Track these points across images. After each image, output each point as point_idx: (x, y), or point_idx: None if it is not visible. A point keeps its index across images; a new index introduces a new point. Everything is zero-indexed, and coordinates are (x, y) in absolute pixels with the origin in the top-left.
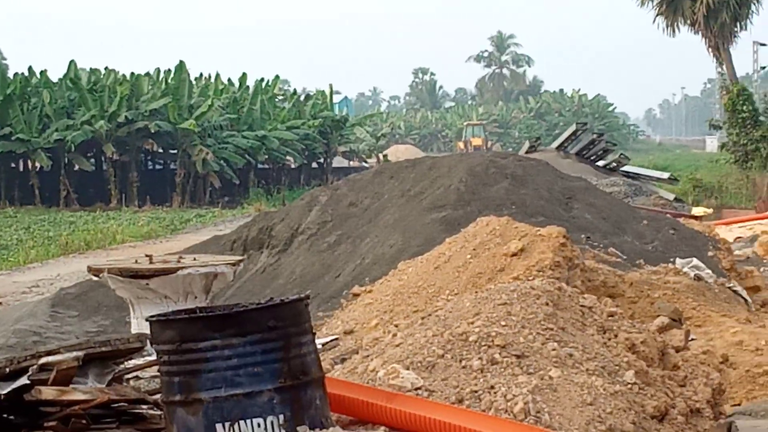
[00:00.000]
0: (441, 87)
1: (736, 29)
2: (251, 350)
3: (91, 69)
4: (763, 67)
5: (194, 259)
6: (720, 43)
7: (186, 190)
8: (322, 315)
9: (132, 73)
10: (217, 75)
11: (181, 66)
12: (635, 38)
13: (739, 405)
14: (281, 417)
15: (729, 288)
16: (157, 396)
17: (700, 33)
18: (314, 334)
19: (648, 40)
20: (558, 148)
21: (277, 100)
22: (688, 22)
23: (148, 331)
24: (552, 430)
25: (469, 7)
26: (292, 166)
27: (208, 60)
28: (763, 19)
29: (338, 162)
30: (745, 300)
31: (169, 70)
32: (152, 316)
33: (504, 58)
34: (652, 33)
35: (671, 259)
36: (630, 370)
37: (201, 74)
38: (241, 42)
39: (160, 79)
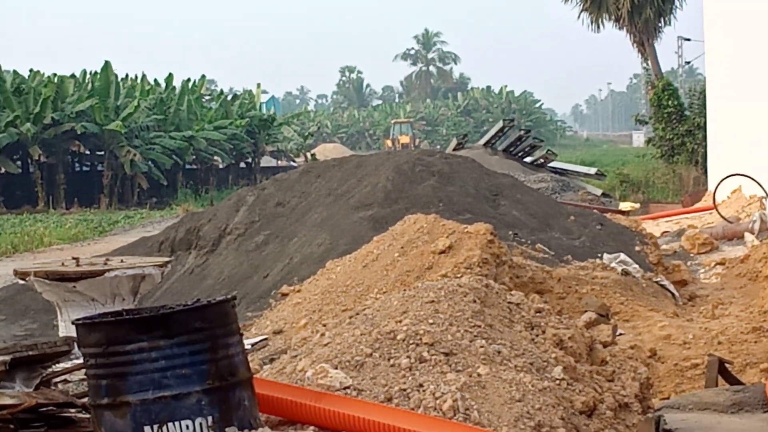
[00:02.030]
0: (368, 85)
1: (660, 24)
2: (178, 352)
3: (14, 71)
4: (688, 62)
5: (121, 261)
6: (644, 38)
7: (114, 191)
8: (251, 315)
9: (55, 74)
10: (144, 75)
11: (106, 67)
12: (561, 35)
13: (667, 398)
14: (210, 418)
15: (656, 282)
16: (85, 399)
17: (624, 29)
18: (242, 334)
19: (573, 37)
20: (485, 144)
21: (204, 100)
22: (613, 17)
23: (75, 335)
24: (481, 427)
25: (396, 6)
26: (220, 166)
27: (134, 61)
28: (687, 14)
29: (266, 161)
30: (673, 294)
31: (95, 71)
32: (78, 320)
33: (431, 55)
34: (578, 29)
35: (598, 255)
36: (558, 366)
37: (127, 75)
38: (167, 42)
39: (86, 80)
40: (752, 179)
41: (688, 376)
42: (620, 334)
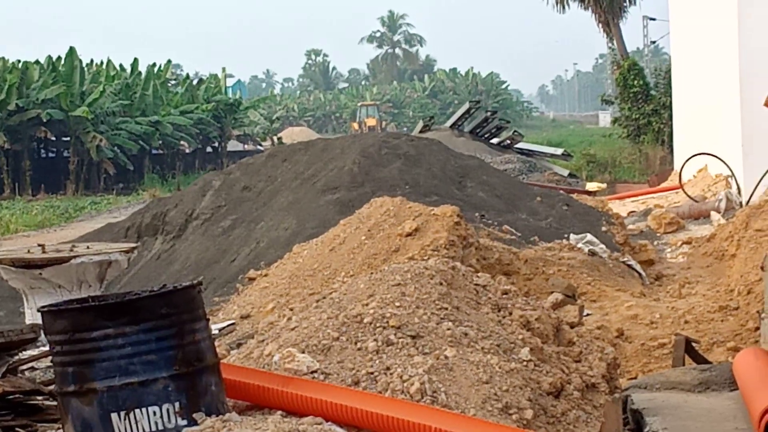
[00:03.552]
0: (334, 68)
1: (625, 4)
2: (145, 338)
3: None
4: (654, 42)
5: (87, 248)
6: (610, 18)
7: (80, 177)
8: (218, 300)
9: (19, 60)
10: (109, 61)
11: (71, 52)
12: (526, 15)
13: (635, 378)
14: (177, 404)
15: (623, 262)
16: (52, 387)
17: (590, 8)
18: (208, 320)
19: (539, 17)
20: (452, 126)
21: (169, 84)
22: None
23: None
24: (448, 409)
25: None
26: (187, 150)
27: (99, 46)
28: None
29: (233, 146)
30: (640, 274)
31: (60, 57)
32: (43, 307)
33: (396, 38)
34: (543, 10)
35: (565, 235)
36: (525, 347)
37: (92, 60)
38: (132, 27)
39: (51, 66)
40: (718, 158)
41: (655, 355)
42: (587, 315)
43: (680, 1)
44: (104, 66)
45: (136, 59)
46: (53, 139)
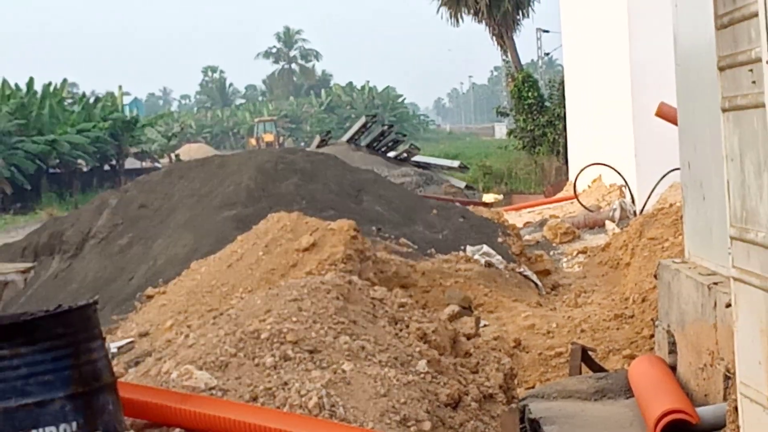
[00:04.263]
0: (231, 84)
1: (518, 17)
2: (41, 358)
3: None
4: (547, 54)
5: None
6: (503, 31)
7: None
8: (116, 318)
9: None
10: (4, 80)
11: None
12: (421, 29)
13: (532, 388)
14: (74, 424)
15: (519, 273)
16: None
17: (483, 22)
18: (104, 339)
19: (433, 31)
20: (349, 141)
21: (66, 103)
22: (472, 11)
23: None
24: (347, 423)
25: (255, 4)
26: (84, 169)
27: None
28: (545, 6)
29: (131, 163)
30: (536, 284)
31: None
32: None
33: (292, 53)
34: (437, 23)
35: (462, 247)
36: (422, 359)
37: None
38: (26, 47)
39: None
40: (611, 168)
41: (552, 364)
42: (485, 326)
43: (572, 13)
44: None
45: (31, 78)
46: None
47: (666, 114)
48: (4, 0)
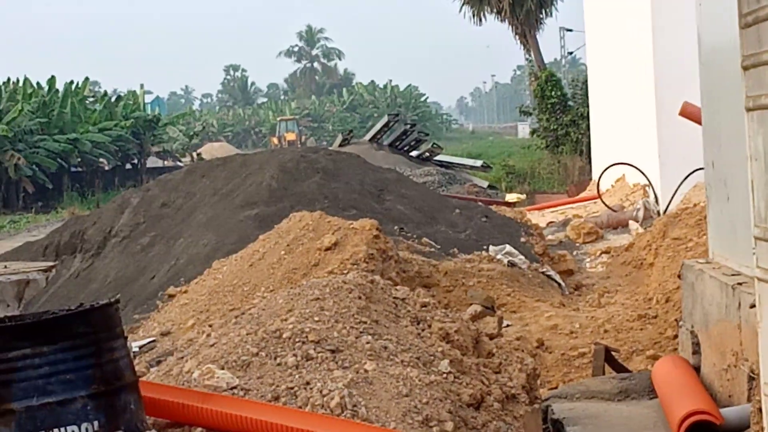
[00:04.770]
0: (253, 83)
1: (541, 16)
2: (62, 357)
3: None
4: (571, 53)
5: (5, 267)
6: (527, 30)
7: None
8: (138, 317)
9: None
10: (26, 79)
11: None
12: (444, 28)
13: (555, 388)
14: (96, 423)
15: (542, 273)
16: None
17: (506, 21)
18: (126, 338)
19: (457, 30)
20: (371, 140)
21: (87, 102)
22: (494, 10)
23: None
24: (369, 423)
25: (278, 3)
26: (106, 168)
27: (15, 64)
28: (568, 5)
29: (152, 162)
30: (559, 284)
31: None
32: None
33: (315, 52)
34: (460, 22)
35: (484, 247)
36: (445, 359)
37: (9, 79)
38: (49, 45)
39: None
40: (635, 167)
41: (575, 365)
42: (507, 326)
43: (595, 12)
44: (21, 84)
45: (53, 77)
46: None
47: (690, 113)
48: (27, 0)
